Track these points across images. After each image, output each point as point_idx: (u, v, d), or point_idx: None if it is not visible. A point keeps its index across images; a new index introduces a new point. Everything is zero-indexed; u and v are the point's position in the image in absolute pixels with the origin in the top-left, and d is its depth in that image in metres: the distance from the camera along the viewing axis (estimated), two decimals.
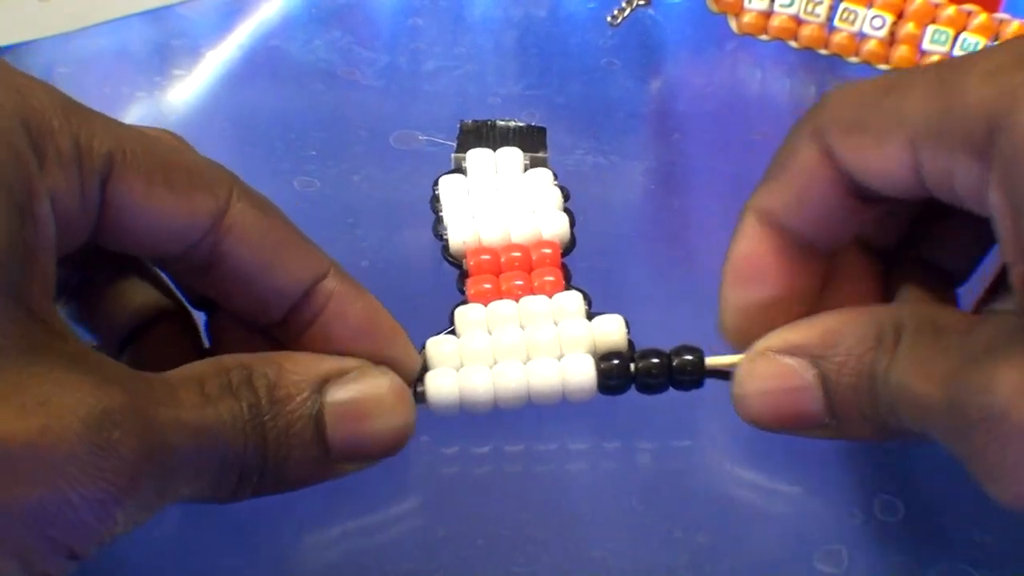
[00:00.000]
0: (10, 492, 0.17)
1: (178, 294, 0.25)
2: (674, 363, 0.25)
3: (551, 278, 0.27)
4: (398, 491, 0.27)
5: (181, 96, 0.41)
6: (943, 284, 0.26)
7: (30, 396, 0.17)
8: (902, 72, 0.22)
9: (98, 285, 0.25)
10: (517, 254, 0.28)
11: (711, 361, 0.25)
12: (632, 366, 0.25)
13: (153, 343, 0.25)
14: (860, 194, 0.23)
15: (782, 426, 0.24)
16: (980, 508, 0.25)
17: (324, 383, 0.22)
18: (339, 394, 0.22)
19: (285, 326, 0.23)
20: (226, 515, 0.24)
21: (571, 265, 0.29)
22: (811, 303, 0.24)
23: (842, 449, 0.28)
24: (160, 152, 0.21)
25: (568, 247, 0.29)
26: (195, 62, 0.43)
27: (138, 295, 0.25)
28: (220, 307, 0.24)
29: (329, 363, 0.22)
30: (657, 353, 0.25)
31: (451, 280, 0.28)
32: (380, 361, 0.23)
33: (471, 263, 0.28)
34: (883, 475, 0.27)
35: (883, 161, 0.21)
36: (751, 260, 0.24)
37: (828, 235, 0.24)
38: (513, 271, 0.28)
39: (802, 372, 0.23)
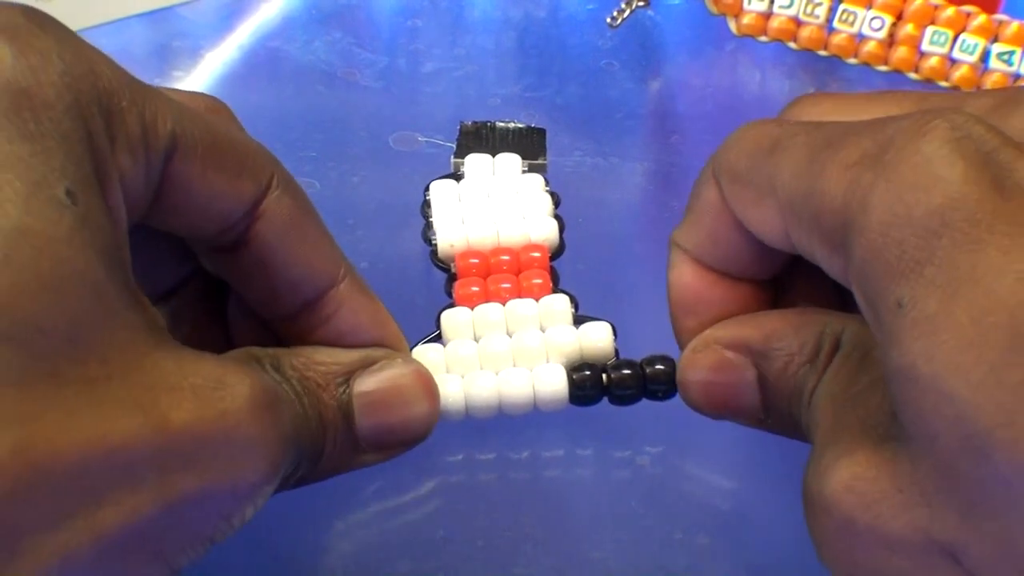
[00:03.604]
0: (180, 495, 0.16)
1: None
2: (647, 372, 0.25)
3: (539, 281, 0.27)
4: (398, 492, 0.27)
5: None
6: None
7: (199, 380, 0.17)
8: (790, 128, 0.21)
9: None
10: (505, 257, 0.28)
11: None
12: (604, 377, 0.25)
13: (181, 309, 0.24)
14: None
15: (719, 415, 0.24)
16: None
17: (351, 374, 0.22)
18: (366, 384, 0.22)
19: (295, 323, 0.23)
20: None
21: (569, 265, 0.29)
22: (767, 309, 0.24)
23: None
24: (214, 133, 0.21)
25: (556, 253, 0.29)
26: (195, 63, 0.43)
27: (164, 261, 0.25)
28: (234, 292, 0.24)
29: (355, 354, 0.23)
30: (630, 364, 0.25)
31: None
32: None
33: (460, 265, 0.28)
34: None
35: (759, 219, 0.21)
36: (687, 290, 0.24)
37: (747, 271, 0.23)
38: (501, 274, 0.28)
39: (742, 368, 0.22)
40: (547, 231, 0.28)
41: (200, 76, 0.42)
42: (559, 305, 0.26)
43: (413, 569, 0.25)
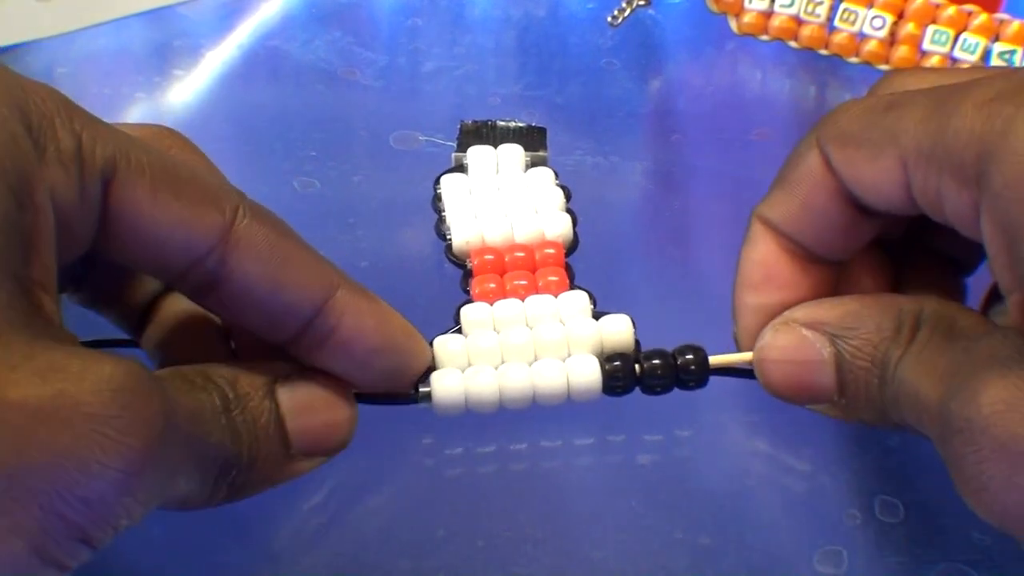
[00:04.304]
0: (24, 460, 0.16)
1: None
2: (678, 363, 0.25)
3: (555, 278, 0.27)
4: (398, 492, 0.27)
5: (181, 96, 0.41)
6: (951, 274, 0.26)
7: (44, 363, 0.17)
8: (906, 92, 0.22)
9: (107, 272, 0.25)
10: (521, 254, 0.28)
11: (714, 360, 0.25)
12: (637, 367, 0.25)
13: (168, 323, 0.25)
14: (861, 207, 0.23)
15: (793, 395, 0.24)
16: None
17: (274, 383, 0.22)
18: (290, 391, 0.22)
19: (301, 342, 0.23)
20: (225, 512, 0.24)
21: (574, 263, 0.29)
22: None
23: (842, 450, 0.28)
24: (166, 162, 0.21)
25: (571, 247, 0.29)
26: (195, 62, 0.43)
27: (147, 280, 0.25)
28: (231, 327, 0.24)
29: (277, 365, 0.23)
30: (661, 354, 0.25)
31: (451, 280, 0.28)
32: (396, 363, 0.24)
33: (475, 262, 0.28)
34: (883, 476, 0.27)
35: (875, 176, 0.22)
36: (761, 267, 0.25)
37: (832, 247, 0.24)
38: (517, 271, 0.28)
39: (819, 347, 0.23)
40: (561, 227, 0.29)
41: (200, 75, 0.42)
42: (577, 302, 0.26)
43: (413, 569, 0.25)
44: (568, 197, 0.30)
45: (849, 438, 0.28)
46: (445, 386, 0.24)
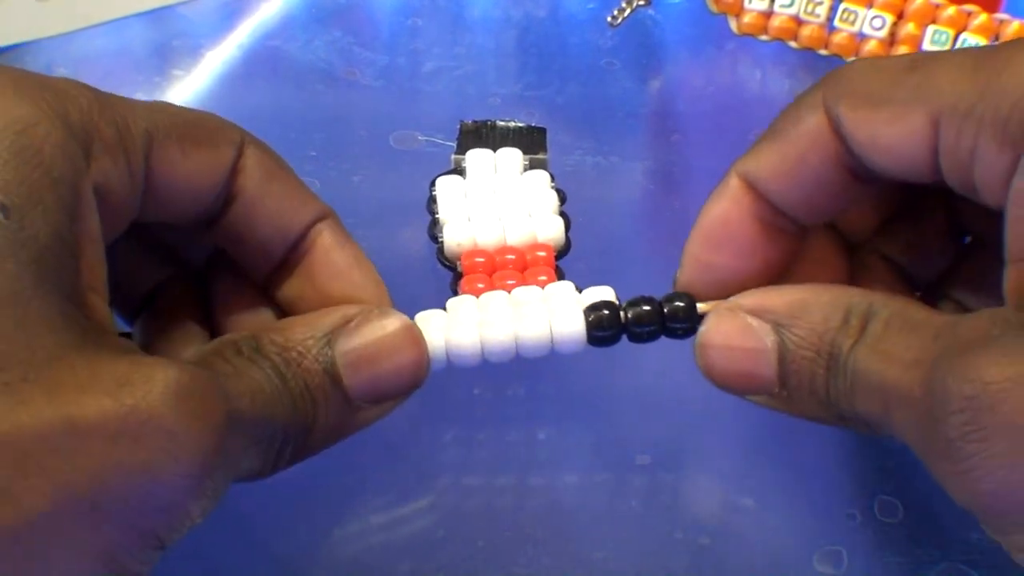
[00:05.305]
0: (104, 483, 0.17)
1: (178, 259, 0.26)
2: (666, 310, 0.25)
3: (543, 278, 0.27)
4: (398, 493, 0.27)
5: (181, 96, 0.41)
6: (904, 287, 0.25)
7: (110, 379, 0.17)
8: (927, 53, 0.22)
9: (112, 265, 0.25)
10: (511, 256, 0.28)
11: (703, 307, 0.24)
12: (622, 315, 0.24)
13: (165, 308, 0.25)
14: (856, 172, 0.23)
15: (733, 383, 0.23)
16: None
17: (330, 335, 0.22)
18: (347, 343, 0.22)
19: (279, 269, 0.24)
20: (230, 513, 0.24)
21: (570, 265, 0.28)
22: (775, 280, 0.24)
23: (842, 451, 0.28)
24: (185, 115, 0.22)
25: (562, 251, 0.28)
26: (195, 62, 0.43)
27: (142, 264, 0.25)
28: (222, 261, 0.25)
29: (332, 316, 0.23)
30: (648, 300, 0.24)
31: (449, 281, 0.28)
32: (362, 295, 0.24)
33: (465, 264, 0.28)
34: (882, 476, 0.27)
35: (895, 138, 0.21)
36: (724, 225, 0.24)
37: (811, 208, 0.23)
38: (506, 271, 0.27)
39: (762, 335, 0.22)
40: (553, 230, 0.28)
41: (200, 75, 0.42)
42: (564, 291, 0.26)
43: (413, 569, 0.25)
44: (563, 200, 0.30)
45: (849, 438, 0.28)
46: (428, 336, 0.24)
